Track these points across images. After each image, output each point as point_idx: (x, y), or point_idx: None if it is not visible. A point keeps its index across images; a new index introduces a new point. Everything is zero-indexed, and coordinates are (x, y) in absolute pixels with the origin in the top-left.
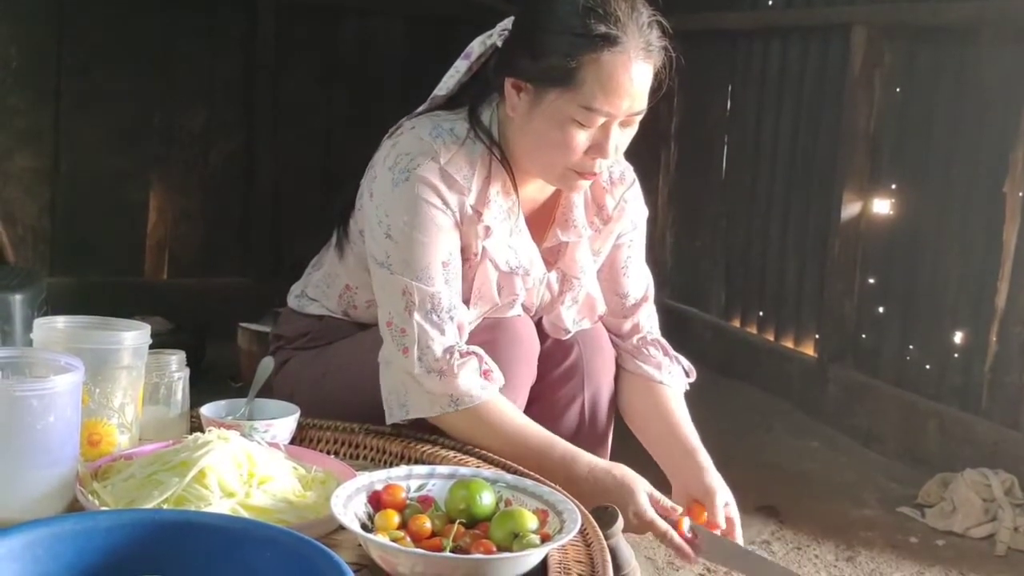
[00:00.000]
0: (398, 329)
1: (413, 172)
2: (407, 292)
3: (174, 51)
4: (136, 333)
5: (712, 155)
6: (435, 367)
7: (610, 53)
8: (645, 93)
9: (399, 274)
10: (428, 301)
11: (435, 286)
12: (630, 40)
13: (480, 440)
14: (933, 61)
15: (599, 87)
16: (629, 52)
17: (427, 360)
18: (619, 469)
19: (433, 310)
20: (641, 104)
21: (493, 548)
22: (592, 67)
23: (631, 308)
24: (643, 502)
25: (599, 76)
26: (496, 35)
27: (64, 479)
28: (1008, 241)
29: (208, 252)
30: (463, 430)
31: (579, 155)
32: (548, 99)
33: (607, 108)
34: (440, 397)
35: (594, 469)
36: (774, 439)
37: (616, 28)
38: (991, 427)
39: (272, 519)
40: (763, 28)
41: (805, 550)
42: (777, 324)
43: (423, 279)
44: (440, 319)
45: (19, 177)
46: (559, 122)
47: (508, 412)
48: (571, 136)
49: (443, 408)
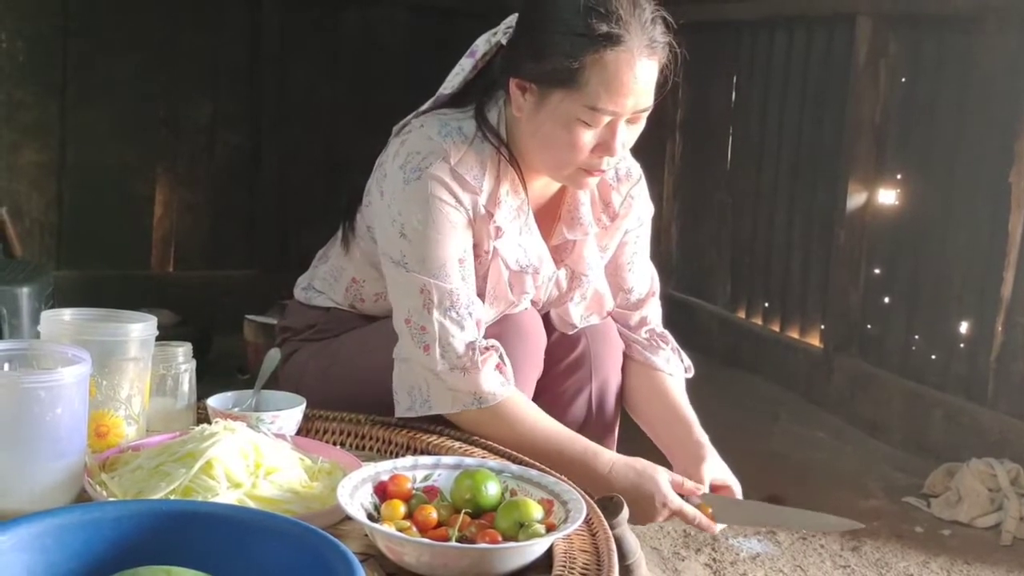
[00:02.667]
0: (417, 327)
1: (425, 171)
2: (425, 290)
3: (179, 43)
4: (143, 325)
5: (717, 146)
6: (458, 364)
7: (613, 52)
8: (651, 90)
9: (416, 272)
10: (447, 298)
11: (452, 283)
12: (633, 38)
13: (498, 437)
14: (938, 50)
15: (603, 87)
16: (633, 50)
17: (450, 357)
18: (639, 462)
19: (452, 307)
20: (647, 101)
21: (499, 538)
22: (596, 67)
23: (637, 303)
24: (668, 491)
25: (603, 76)
26: (501, 32)
27: (72, 470)
28: (1014, 230)
29: (214, 244)
30: (482, 426)
31: (586, 154)
32: (553, 100)
33: (612, 107)
34: (463, 395)
35: (615, 464)
36: (780, 429)
37: (618, 27)
38: (997, 417)
39: (279, 509)
40: (768, 18)
41: (810, 540)
42: (783, 315)
43: (440, 276)
44: (460, 315)
45: (26, 171)
46: (565, 122)
47: (527, 409)
48: (577, 136)
49: (465, 405)
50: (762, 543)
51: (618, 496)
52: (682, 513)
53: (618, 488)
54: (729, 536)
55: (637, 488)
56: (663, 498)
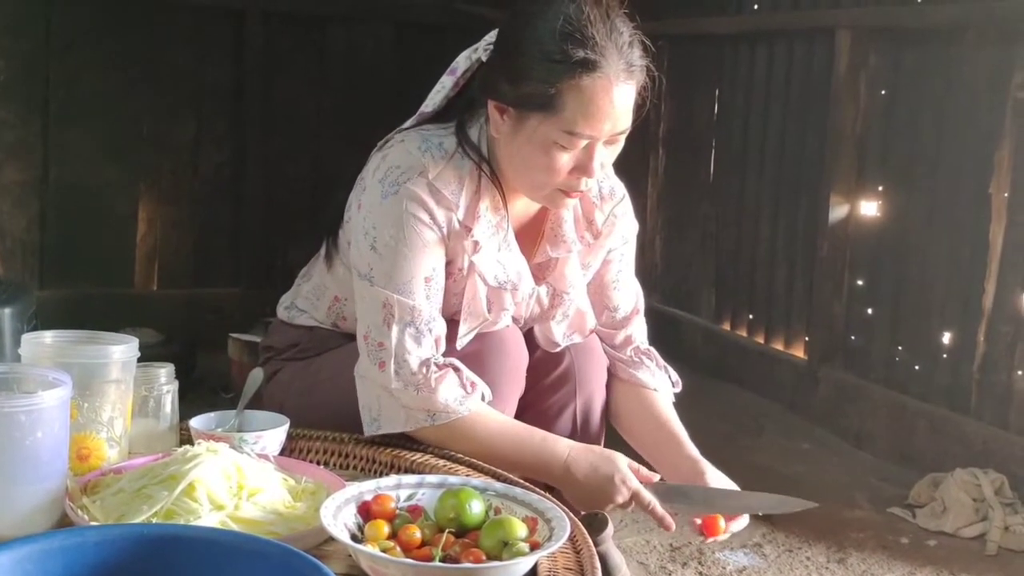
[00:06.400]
0: (375, 343)
1: (402, 186)
2: (387, 304)
3: (162, 61)
4: (124, 347)
5: (700, 159)
6: (412, 381)
7: (590, 78)
8: (628, 113)
9: (380, 286)
10: (408, 314)
11: (415, 300)
12: (610, 63)
13: (460, 450)
14: (918, 63)
15: (580, 112)
16: (609, 76)
17: (404, 374)
18: (597, 448)
19: (412, 323)
20: (625, 124)
21: (483, 557)
22: (572, 92)
23: (622, 321)
24: (627, 472)
25: (580, 101)
26: (481, 49)
27: (53, 494)
28: (994, 241)
29: (198, 262)
30: (441, 441)
31: (564, 176)
32: (530, 124)
33: (589, 131)
34: (416, 412)
35: (574, 447)
36: (765, 441)
37: (595, 52)
38: (980, 427)
39: (262, 531)
40: (749, 32)
41: (796, 552)
42: (767, 326)
43: (404, 292)
44: (419, 331)
45: (8, 190)
46: (542, 146)
47: (485, 420)
48: (555, 159)
49: (419, 422)
50: (749, 556)
51: (603, 513)
52: (639, 496)
53: (578, 471)
54: (716, 549)
55: (596, 469)
56: (622, 476)
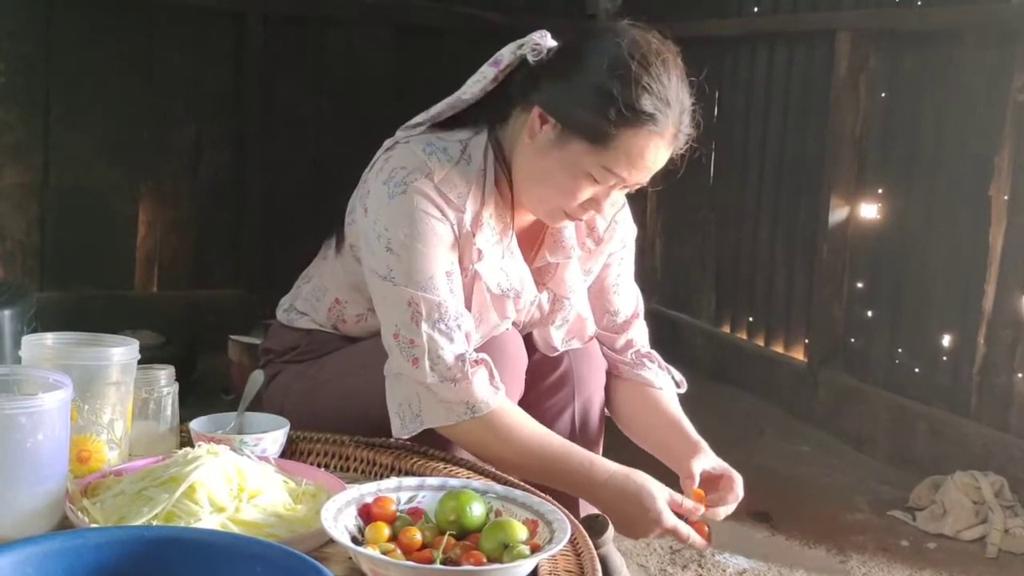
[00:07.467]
0: (406, 340)
1: (409, 185)
2: (413, 303)
3: (163, 64)
4: (124, 349)
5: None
6: (448, 375)
7: (647, 131)
8: (656, 171)
9: (403, 286)
10: (435, 311)
11: (440, 295)
12: (669, 123)
13: (495, 449)
14: (918, 65)
15: (626, 157)
16: (664, 134)
17: (440, 369)
18: (638, 475)
19: (440, 319)
20: (647, 178)
21: (483, 559)
22: (627, 137)
23: (622, 325)
24: (664, 510)
25: (630, 148)
26: (528, 47)
27: (54, 497)
28: (994, 244)
29: (199, 264)
30: (479, 438)
31: (577, 203)
32: (572, 147)
33: (625, 176)
34: (456, 405)
35: (613, 475)
36: (765, 444)
37: (661, 110)
38: (980, 429)
39: (262, 533)
40: (749, 35)
41: (797, 554)
42: (767, 329)
43: (428, 289)
44: (448, 327)
45: (8, 192)
46: (573, 172)
47: (520, 419)
48: (580, 187)
49: (460, 416)
50: (749, 559)
51: (603, 515)
52: (676, 532)
53: (614, 498)
54: (716, 553)
55: (629, 500)
56: (657, 515)
